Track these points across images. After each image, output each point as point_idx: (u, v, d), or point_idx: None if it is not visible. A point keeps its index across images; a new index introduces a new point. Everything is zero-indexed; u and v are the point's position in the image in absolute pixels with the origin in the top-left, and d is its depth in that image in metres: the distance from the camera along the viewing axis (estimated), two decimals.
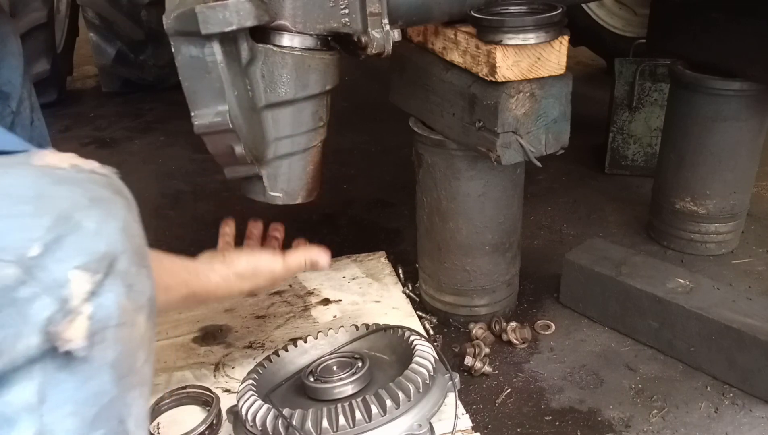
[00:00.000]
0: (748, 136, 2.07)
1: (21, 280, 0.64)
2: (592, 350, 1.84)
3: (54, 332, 0.66)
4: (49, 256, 0.66)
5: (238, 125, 1.27)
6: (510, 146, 1.54)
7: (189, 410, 1.61)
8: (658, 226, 2.31)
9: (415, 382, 1.37)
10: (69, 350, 0.67)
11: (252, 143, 1.33)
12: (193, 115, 1.27)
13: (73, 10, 4.10)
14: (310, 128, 1.39)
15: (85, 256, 0.68)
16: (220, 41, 1.20)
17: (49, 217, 0.67)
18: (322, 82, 1.36)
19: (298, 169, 1.42)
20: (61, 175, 0.73)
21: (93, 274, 0.68)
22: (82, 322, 0.68)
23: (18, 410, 0.66)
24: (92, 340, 0.69)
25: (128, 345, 0.73)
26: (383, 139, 3.26)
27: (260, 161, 1.38)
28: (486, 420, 1.62)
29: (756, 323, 1.63)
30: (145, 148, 3.44)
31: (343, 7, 1.33)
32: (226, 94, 1.24)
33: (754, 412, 1.61)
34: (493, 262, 1.86)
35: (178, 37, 1.22)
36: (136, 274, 0.74)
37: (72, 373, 0.69)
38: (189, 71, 1.25)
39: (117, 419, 0.74)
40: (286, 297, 2.02)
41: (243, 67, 1.26)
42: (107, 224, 0.71)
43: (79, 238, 0.68)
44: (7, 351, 0.64)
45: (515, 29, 1.43)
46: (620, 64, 2.67)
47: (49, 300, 0.65)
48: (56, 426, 0.68)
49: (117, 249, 0.71)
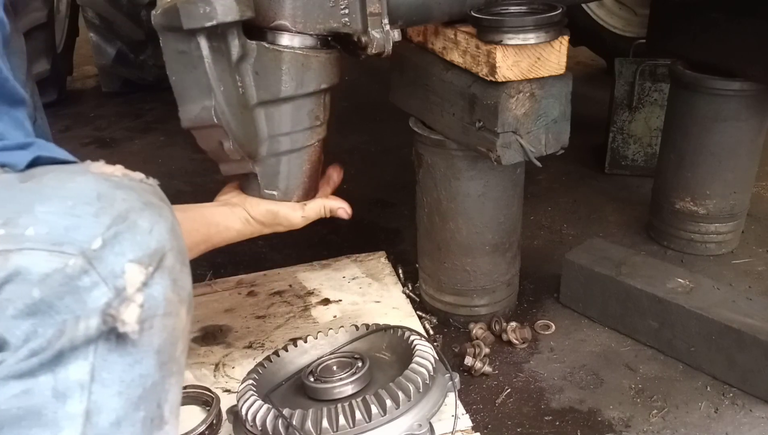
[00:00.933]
0: (748, 136, 2.07)
1: (83, 270, 0.73)
2: (592, 350, 1.84)
3: (112, 315, 0.74)
4: (108, 250, 0.75)
5: (225, 121, 1.28)
6: (510, 146, 1.54)
7: (189, 410, 1.61)
8: (658, 226, 2.31)
9: (415, 382, 1.37)
10: (123, 332, 0.76)
11: (244, 139, 1.33)
12: (180, 110, 1.30)
13: (73, 10, 4.10)
14: (305, 127, 1.39)
15: (139, 251, 0.77)
16: (207, 36, 1.21)
17: (108, 216, 0.76)
18: (317, 80, 1.35)
19: (294, 168, 1.42)
20: (117, 181, 0.82)
21: (145, 268, 0.77)
22: (135, 309, 0.76)
23: (71, 387, 0.74)
24: (142, 326, 0.77)
25: (172, 334, 0.81)
26: (383, 139, 3.26)
27: (254, 158, 1.38)
28: (486, 420, 1.62)
29: (756, 323, 1.63)
30: (145, 148, 3.44)
31: (343, 7, 1.33)
32: (213, 89, 1.25)
33: (754, 412, 1.61)
34: (493, 262, 1.86)
35: (166, 33, 1.24)
36: (180, 270, 0.83)
37: (122, 355, 0.77)
38: (176, 66, 1.27)
39: (156, 403, 0.82)
40: (286, 297, 2.02)
41: (233, 64, 1.26)
42: (158, 225, 0.80)
43: (134, 235, 0.77)
44: (69, 332, 0.73)
45: (515, 29, 1.43)
46: (620, 64, 2.67)
47: (106, 288, 0.74)
48: (104, 403, 0.76)
49: (166, 247, 0.80)
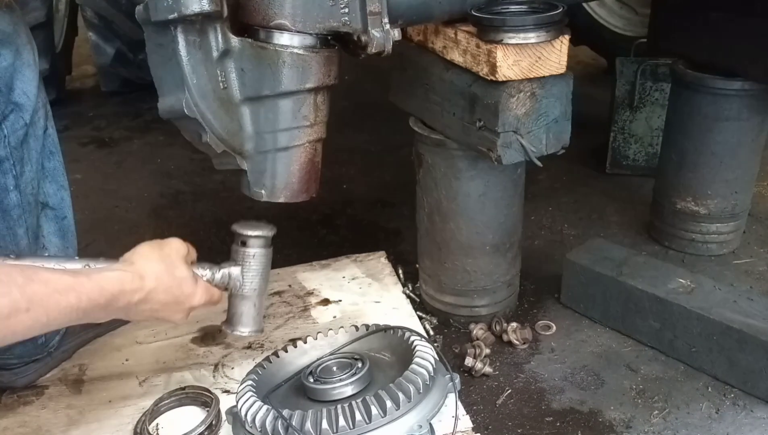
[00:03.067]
0: (749, 135, 2.07)
1: None
2: (593, 351, 1.84)
3: None
4: None
5: (200, 113, 1.30)
6: (511, 146, 1.53)
7: (188, 411, 1.61)
8: (660, 226, 2.31)
9: (415, 382, 1.37)
10: None
11: (226, 134, 1.35)
12: (159, 101, 1.34)
13: (72, 9, 4.09)
14: (292, 126, 1.38)
15: None
16: (183, 30, 1.24)
17: None
18: (305, 79, 1.35)
19: (280, 167, 1.41)
20: None
21: None
22: None
23: None
24: None
25: None
26: (383, 139, 3.25)
27: (241, 154, 1.38)
28: (486, 421, 1.62)
29: (757, 324, 1.63)
30: (144, 148, 3.44)
31: (343, 6, 1.33)
32: (187, 81, 1.28)
33: (755, 413, 1.60)
34: (494, 262, 1.86)
35: (148, 26, 1.28)
36: None
37: None
38: (155, 58, 1.31)
39: None
40: (285, 297, 2.02)
41: (214, 59, 1.28)
42: None
43: None
44: None
45: (516, 28, 1.42)
46: (621, 63, 2.66)
47: None
48: None
49: None
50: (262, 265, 1.46)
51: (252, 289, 1.46)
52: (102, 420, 1.60)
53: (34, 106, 1.54)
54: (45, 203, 1.67)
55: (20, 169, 1.53)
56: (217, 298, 1.40)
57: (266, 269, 1.48)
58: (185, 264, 1.32)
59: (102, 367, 1.77)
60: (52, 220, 1.69)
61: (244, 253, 1.45)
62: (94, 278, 1.15)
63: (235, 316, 1.47)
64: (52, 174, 1.67)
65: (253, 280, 1.45)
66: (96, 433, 1.57)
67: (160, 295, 1.25)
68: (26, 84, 1.52)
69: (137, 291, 1.21)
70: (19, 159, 1.52)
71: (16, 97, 1.50)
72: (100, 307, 1.14)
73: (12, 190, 1.52)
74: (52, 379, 1.73)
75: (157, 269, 1.25)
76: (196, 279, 1.34)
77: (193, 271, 1.34)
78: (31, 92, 1.53)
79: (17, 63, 1.48)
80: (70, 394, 1.68)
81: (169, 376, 1.72)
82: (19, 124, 1.51)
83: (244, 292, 1.45)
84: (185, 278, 1.30)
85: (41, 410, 1.64)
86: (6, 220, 1.53)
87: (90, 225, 2.53)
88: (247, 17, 1.31)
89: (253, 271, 1.45)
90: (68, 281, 1.09)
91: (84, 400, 1.66)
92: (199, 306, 1.35)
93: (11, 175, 1.52)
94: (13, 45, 1.47)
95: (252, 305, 1.47)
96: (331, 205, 2.67)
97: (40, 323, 1.04)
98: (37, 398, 1.67)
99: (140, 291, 1.21)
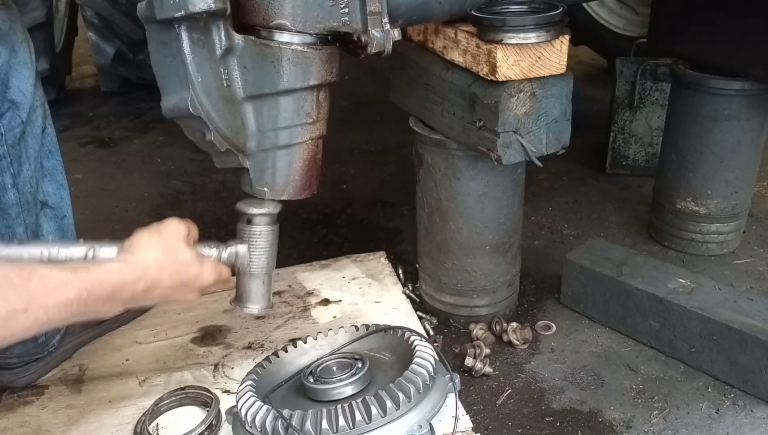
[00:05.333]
0: (749, 135, 2.07)
1: None
2: (593, 351, 1.84)
3: None
4: None
5: (204, 111, 1.30)
6: (511, 146, 1.53)
7: (188, 411, 1.60)
8: (660, 226, 2.31)
9: (415, 382, 1.37)
10: None
11: (228, 132, 1.35)
12: (162, 100, 1.33)
13: (72, 9, 4.09)
14: (295, 123, 1.38)
15: None
16: (187, 28, 1.24)
17: None
18: (308, 77, 1.35)
19: (282, 165, 1.41)
20: None
21: None
22: None
23: None
24: None
25: None
26: (383, 139, 3.25)
27: (244, 152, 1.38)
28: (486, 421, 1.62)
29: (757, 323, 1.63)
30: (144, 148, 3.44)
31: (343, 6, 1.33)
32: (191, 79, 1.27)
33: (755, 413, 1.60)
34: (494, 262, 1.86)
35: (150, 24, 1.27)
36: None
37: None
38: (158, 56, 1.30)
39: None
40: (285, 297, 2.01)
41: (218, 57, 1.28)
42: None
43: None
44: None
45: (516, 28, 1.42)
46: (621, 63, 2.66)
47: None
48: None
49: None
50: (269, 243, 1.44)
51: (260, 267, 1.44)
52: (102, 420, 1.60)
53: (30, 105, 1.54)
54: (44, 202, 1.67)
55: (18, 167, 1.53)
56: (227, 276, 1.39)
57: (273, 246, 1.46)
58: (186, 245, 1.30)
59: (102, 367, 1.77)
60: (51, 219, 1.69)
61: (250, 231, 1.43)
62: (94, 272, 1.14)
63: (244, 294, 1.46)
64: (51, 173, 1.67)
65: (260, 258, 1.43)
66: (96, 433, 1.57)
67: (165, 280, 1.24)
68: (22, 82, 1.51)
69: (140, 280, 1.19)
70: (16, 157, 1.52)
71: (12, 95, 1.49)
72: (101, 300, 1.13)
73: (10, 188, 1.52)
74: (52, 378, 1.73)
75: (158, 256, 1.24)
76: (201, 259, 1.32)
77: (197, 251, 1.33)
78: (28, 90, 1.53)
79: (13, 60, 1.48)
80: (70, 393, 1.68)
81: (169, 376, 1.72)
82: (16, 122, 1.51)
83: (252, 270, 1.43)
84: (188, 260, 1.29)
85: (41, 410, 1.64)
86: (4, 219, 1.53)
87: (90, 225, 2.53)
88: (248, 17, 1.31)
89: (260, 249, 1.43)
90: (67, 276, 1.08)
91: (84, 400, 1.66)
92: (210, 285, 1.33)
93: (9, 173, 1.51)
94: (8, 42, 1.47)
95: (261, 283, 1.45)
96: (331, 205, 2.67)
97: (39, 322, 1.03)
98: (37, 398, 1.67)
99: (143, 279, 1.20)
